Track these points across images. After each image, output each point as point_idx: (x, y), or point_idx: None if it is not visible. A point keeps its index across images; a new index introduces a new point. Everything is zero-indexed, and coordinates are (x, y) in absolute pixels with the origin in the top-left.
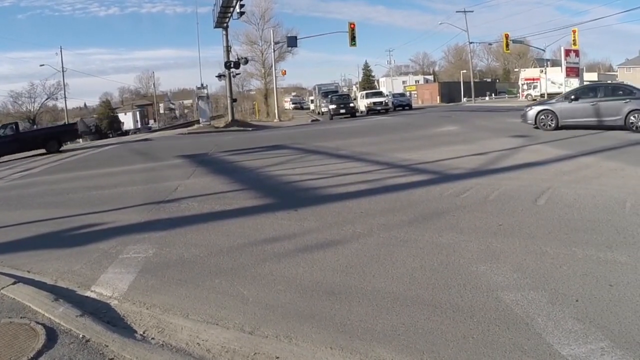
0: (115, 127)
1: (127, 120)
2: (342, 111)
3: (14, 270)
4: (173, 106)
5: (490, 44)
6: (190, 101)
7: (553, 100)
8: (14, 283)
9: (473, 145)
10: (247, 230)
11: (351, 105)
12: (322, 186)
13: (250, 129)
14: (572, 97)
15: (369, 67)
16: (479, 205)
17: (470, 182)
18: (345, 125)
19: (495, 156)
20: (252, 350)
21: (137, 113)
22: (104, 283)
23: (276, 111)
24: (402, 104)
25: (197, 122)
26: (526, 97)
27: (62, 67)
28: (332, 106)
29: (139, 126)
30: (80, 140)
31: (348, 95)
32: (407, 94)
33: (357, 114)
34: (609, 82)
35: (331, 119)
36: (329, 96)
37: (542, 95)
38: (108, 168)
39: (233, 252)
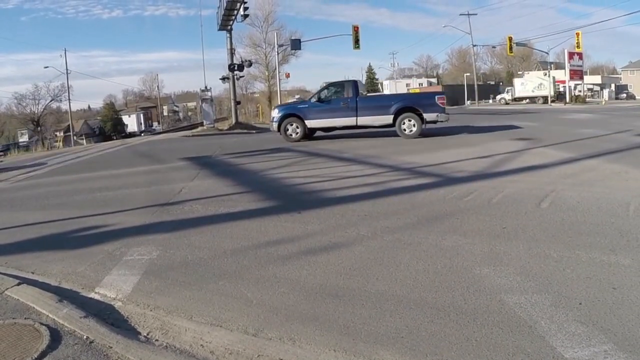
0: (119, 129)
1: (131, 122)
2: None
3: (18, 271)
4: (177, 108)
5: (493, 47)
6: (194, 103)
7: None
8: (18, 284)
9: (476, 148)
10: (250, 233)
11: None
12: (325, 189)
13: (254, 131)
14: None
15: (372, 69)
16: (482, 208)
17: (474, 185)
18: None
19: (499, 159)
20: (255, 352)
21: (141, 115)
22: (108, 285)
23: None
24: None
25: (201, 124)
26: (499, 101)
27: (66, 69)
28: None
29: (143, 128)
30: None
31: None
32: None
33: None
34: None
35: None
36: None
37: (515, 99)
38: (112, 170)
39: (237, 255)
